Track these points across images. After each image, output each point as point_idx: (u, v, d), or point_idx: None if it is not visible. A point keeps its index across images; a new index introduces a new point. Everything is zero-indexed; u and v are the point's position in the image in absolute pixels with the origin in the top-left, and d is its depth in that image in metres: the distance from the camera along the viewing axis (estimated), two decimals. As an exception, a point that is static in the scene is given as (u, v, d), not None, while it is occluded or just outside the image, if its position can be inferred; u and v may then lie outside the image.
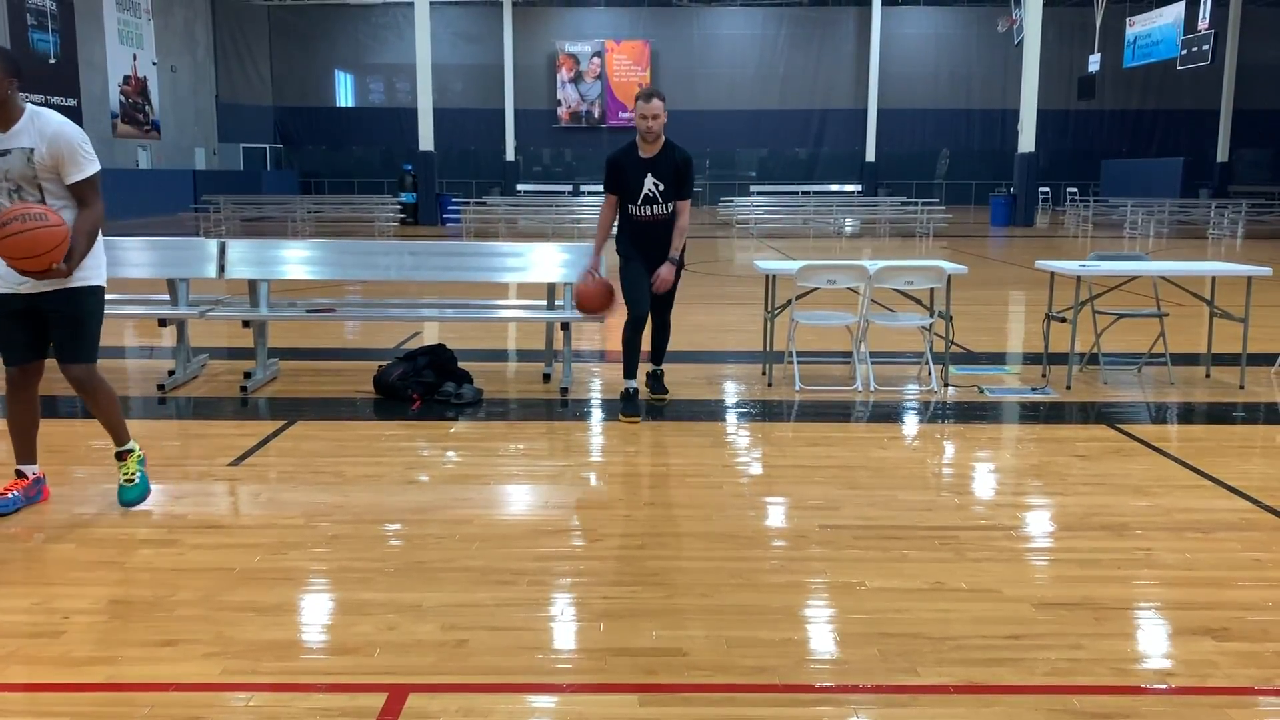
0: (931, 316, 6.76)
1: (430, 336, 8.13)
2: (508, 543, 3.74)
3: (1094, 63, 31.01)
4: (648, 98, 5.44)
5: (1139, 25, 30.03)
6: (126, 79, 31.04)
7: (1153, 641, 2.98)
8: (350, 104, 39.61)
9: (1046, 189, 35.40)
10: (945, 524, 3.96)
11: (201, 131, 35.95)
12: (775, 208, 25.97)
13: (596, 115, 38.82)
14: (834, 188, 35.71)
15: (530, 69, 38.35)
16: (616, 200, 5.62)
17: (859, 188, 36.09)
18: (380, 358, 6.88)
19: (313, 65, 39.05)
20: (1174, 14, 28.00)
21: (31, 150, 3.69)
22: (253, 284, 6.39)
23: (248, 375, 6.30)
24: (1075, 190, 34.14)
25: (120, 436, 4.13)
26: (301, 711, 2.55)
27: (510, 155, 37.94)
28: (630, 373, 5.67)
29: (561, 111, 39.01)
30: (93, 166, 3.80)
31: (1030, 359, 7.46)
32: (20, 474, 4.08)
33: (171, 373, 6.38)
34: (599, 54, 38.52)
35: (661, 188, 5.50)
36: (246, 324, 6.31)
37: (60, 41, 27.32)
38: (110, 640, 2.93)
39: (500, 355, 7.63)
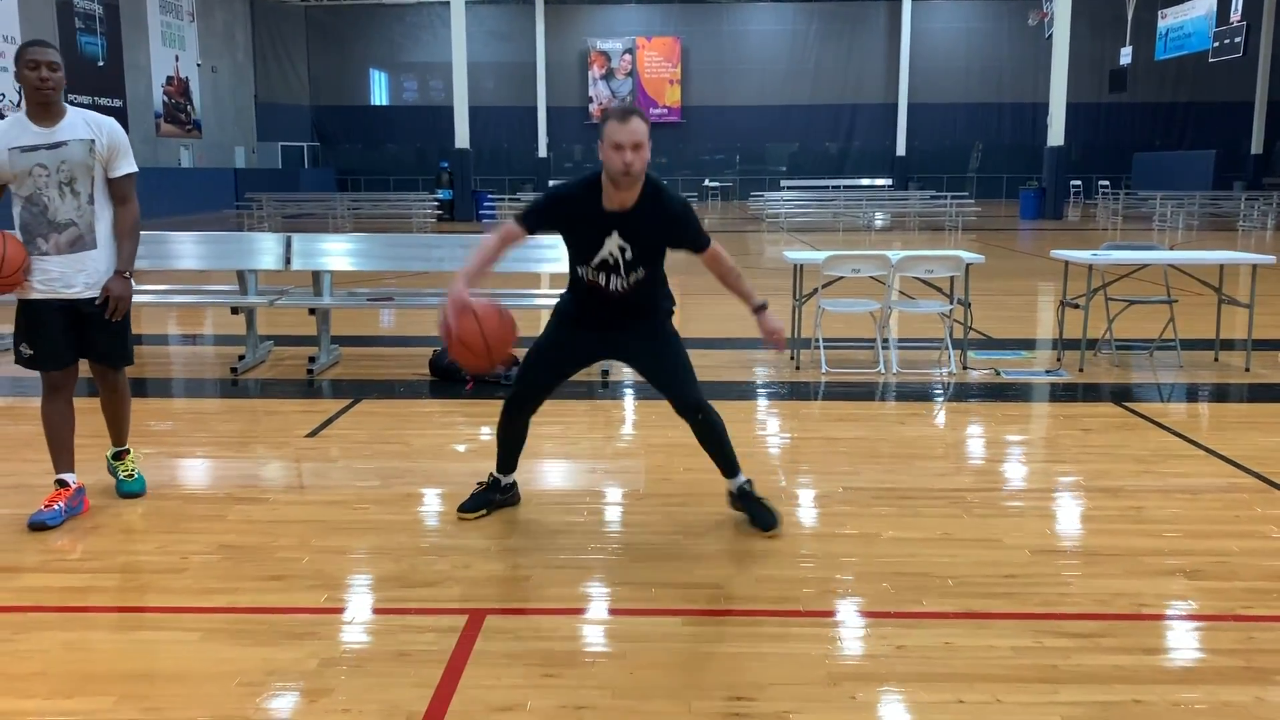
0: (951, 303, 7.14)
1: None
2: (560, 500, 4.19)
3: (1125, 55, 31.01)
4: (623, 116, 3.36)
5: (1171, 18, 30.00)
6: (169, 80, 31.84)
7: (1133, 580, 3.38)
8: (385, 103, 40.28)
9: (1078, 182, 35.37)
10: (956, 486, 4.37)
11: (241, 131, 36.75)
12: (805, 202, 26.29)
13: (628, 112, 39.22)
14: (864, 182, 35.88)
15: (562, 66, 38.81)
16: (517, 238, 3.55)
17: (889, 182, 36.25)
18: (429, 344, 7.35)
19: (348, 65, 39.75)
20: (1206, 6, 27.97)
21: (93, 141, 3.82)
22: (316, 275, 6.89)
23: (312, 360, 6.80)
24: (1107, 183, 34.10)
25: (125, 436, 4.27)
26: (397, 628, 3.02)
27: (543, 152, 38.42)
28: (503, 464, 3.95)
29: (593, 108, 39.43)
30: (134, 165, 3.96)
31: (1048, 344, 7.81)
32: (62, 484, 4.01)
33: (241, 357, 6.89)
34: (630, 51, 38.92)
35: (629, 254, 3.52)
36: (312, 311, 6.81)
37: (106, 44, 28.12)
38: (227, 575, 3.42)
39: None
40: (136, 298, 4.27)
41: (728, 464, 3.88)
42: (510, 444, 3.92)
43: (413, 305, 7.22)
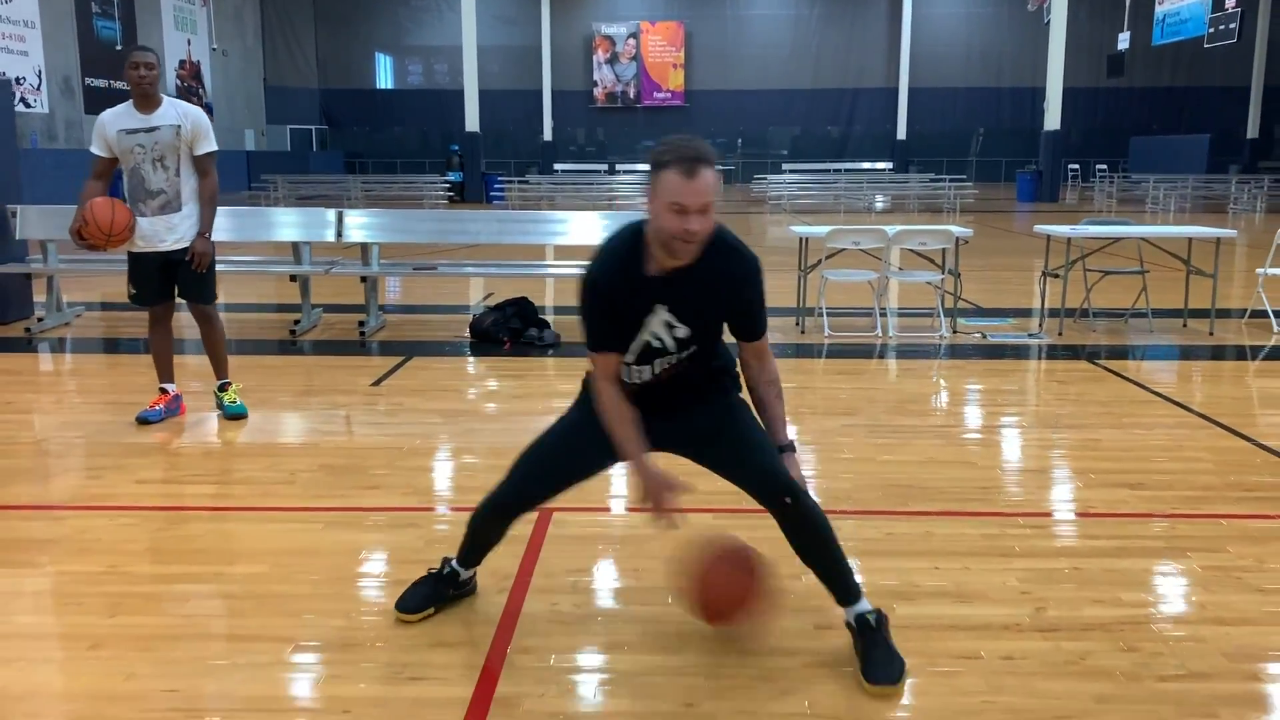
0: (942, 274, 7.81)
1: (500, 294, 9.28)
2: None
3: (1124, 41, 31.57)
4: (689, 168, 2.40)
5: (1168, 3, 30.52)
6: (181, 63, 32.38)
7: (1085, 490, 4.07)
8: (390, 86, 40.82)
9: (1076, 166, 35.97)
10: (941, 424, 5.07)
11: (251, 114, 37.27)
12: (807, 185, 26.91)
13: (632, 95, 39.80)
14: (865, 166, 36.47)
15: (567, 50, 39.33)
16: (615, 362, 2.70)
17: (890, 166, 36.84)
18: (459, 312, 8.03)
19: (355, 48, 40.25)
20: (1202, -9, 28.51)
21: (179, 127, 4.74)
22: (365, 247, 7.57)
23: (362, 324, 7.48)
24: (1104, 167, 34.68)
25: (225, 369, 5.15)
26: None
27: (548, 135, 38.99)
28: (468, 558, 3.05)
29: (597, 92, 40.00)
30: (214, 145, 4.90)
31: (1032, 313, 8.49)
32: (163, 391, 5.08)
33: (297, 322, 7.57)
34: (634, 35, 39.43)
35: (679, 333, 2.65)
36: (364, 279, 7.49)
37: (122, 29, 28.66)
38: (331, 486, 4.11)
39: (570, 308, 8.76)
40: (220, 267, 5.07)
41: (839, 582, 2.75)
42: (484, 542, 3.03)
43: (454, 273, 7.90)
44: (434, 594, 3.00)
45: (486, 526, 2.99)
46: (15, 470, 4.30)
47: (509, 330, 7.13)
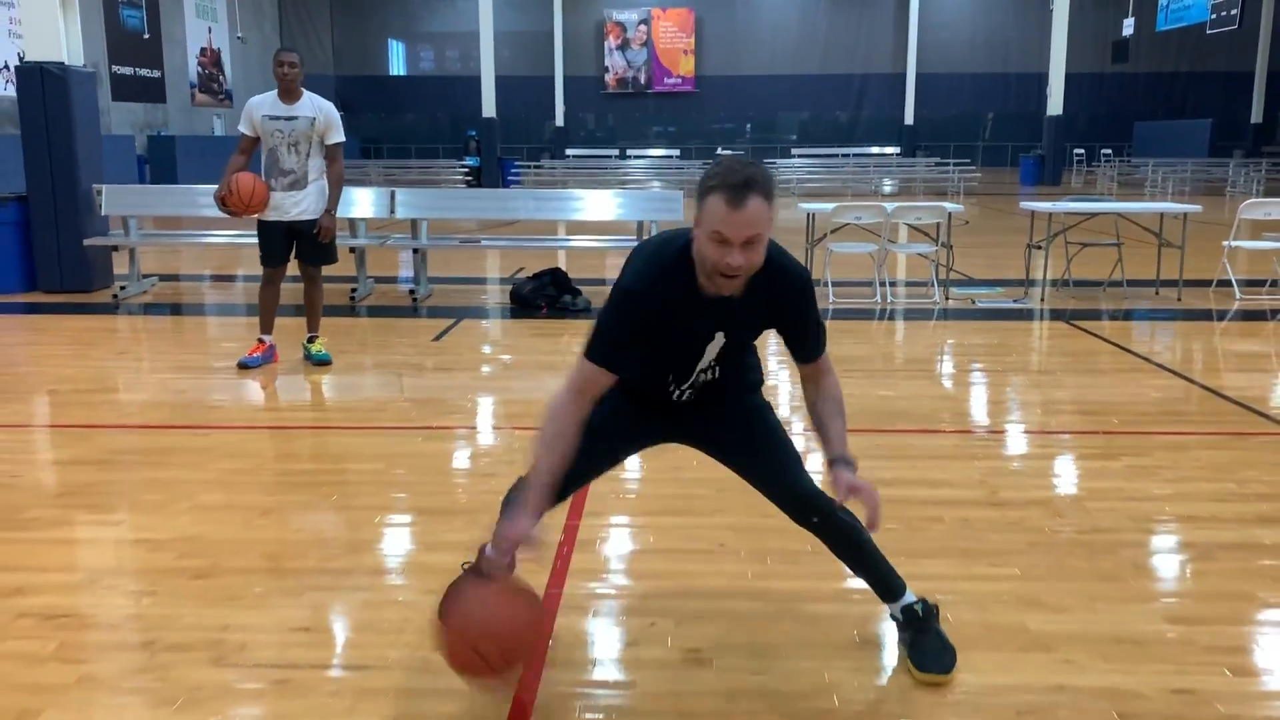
0: (936, 245, 8.61)
1: (529, 267, 10.10)
2: (637, 377, 5.73)
3: (1128, 26, 32.16)
4: (737, 196, 2.28)
5: (1171, -11, 31.11)
6: (203, 51, 33.22)
7: (1044, 415, 4.91)
8: (403, 72, 41.60)
9: (1081, 150, 36.57)
10: (928, 369, 5.91)
11: (270, 100, 38.10)
12: (815, 169, 27.65)
13: (643, 81, 40.52)
14: (873, 150, 37.11)
15: (579, 36, 39.99)
16: (599, 385, 2.40)
17: (898, 150, 37.49)
18: (486, 283, 8.86)
19: (370, 35, 41.01)
20: (1205, -22, 29.08)
21: (314, 119, 5.63)
22: (415, 222, 8.41)
23: (413, 291, 8.32)
24: (1109, 151, 35.27)
25: (318, 324, 5.96)
26: (547, 434, 4.56)
27: (560, 121, 39.71)
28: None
29: (609, 78, 40.72)
30: (343, 136, 5.75)
31: (1019, 283, 9.29)
32: (261, 340, 5.88)
33: (355, 289, 8.41)
34: (645, 21, 40.10)
35: (726, 349, 2.53)
36: (416, 251, 8.33)
37: (147, 18, 29.48)
38: (418, 412, 4.96)
39: (599, 280, 9.59)
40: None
41: (880, 583, 2.70)
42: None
43: (496, 246, 8.74)
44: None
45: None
46: (152, 403, 5.17)
47: (546, 296, 7.97)
